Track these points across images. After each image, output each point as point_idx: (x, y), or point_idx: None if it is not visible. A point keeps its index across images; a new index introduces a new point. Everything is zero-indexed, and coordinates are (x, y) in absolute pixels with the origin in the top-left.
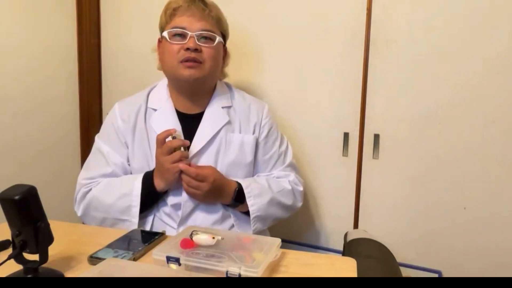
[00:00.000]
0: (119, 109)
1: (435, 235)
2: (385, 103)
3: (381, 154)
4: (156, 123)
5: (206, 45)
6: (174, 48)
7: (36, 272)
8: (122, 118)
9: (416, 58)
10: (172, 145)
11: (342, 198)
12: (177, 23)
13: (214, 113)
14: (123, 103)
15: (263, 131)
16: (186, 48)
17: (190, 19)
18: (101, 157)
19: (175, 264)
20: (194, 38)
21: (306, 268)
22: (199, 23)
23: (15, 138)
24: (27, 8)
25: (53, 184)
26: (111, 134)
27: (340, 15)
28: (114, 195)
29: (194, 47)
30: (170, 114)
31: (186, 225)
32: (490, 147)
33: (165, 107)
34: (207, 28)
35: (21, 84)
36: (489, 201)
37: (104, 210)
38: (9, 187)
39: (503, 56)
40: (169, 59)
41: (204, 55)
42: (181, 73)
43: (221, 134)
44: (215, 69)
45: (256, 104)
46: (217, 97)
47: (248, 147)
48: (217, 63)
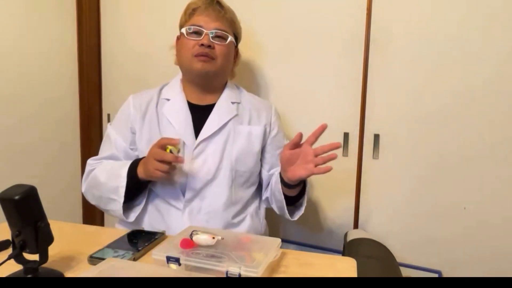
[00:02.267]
0: (133, 99)
1: (435, 235)
2: (385, 103)
3: (381, 154)
4: (168, 111)
5: (219, 43)
6: (190, 43)
7: (36, 272)
8: (134, 106)
9: (416, 58)
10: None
11: (342, 198)
12: (194, 22)
13: (224, 106)
14: (137, 94)
15: (274, 128)
16: (200, 44)
17: (207, 19)
18: (108, 141)
19: (175, 264)
20: (209, 36)
21: (306, 268)
22: (214, 23)
23: (15, 138)
24: (27, 9)
25: (53, 184)
26: (121, 121)
27: (340, 15)
28: (108, 175)
29: (207, 43)
30: (182, 103)
31: (191, 207)
32: (490, 147)
33: (177, 98)
34: (221, 28)
35: (21, 84)
36: (489, 201)
37: (99, 188)
38: (9, 187)
39: (504, 56)
40: (185, 53)
41: (216, 51)
42: (195, 65)
43: (229, 126)
44: (226, 66)
45: (264, 104)
46: (227, 93)
47: (256, 137)
48: (228, 61)
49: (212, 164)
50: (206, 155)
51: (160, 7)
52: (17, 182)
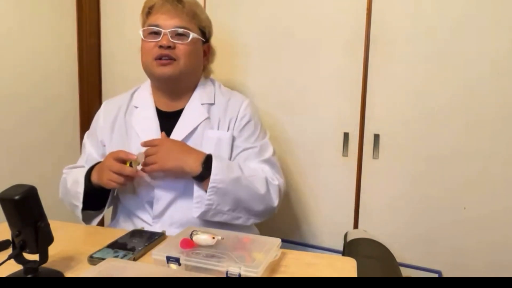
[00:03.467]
0: (103, 108)
1: (435, 235)
2: (385, 103)
3: (381, 154)
4: (135, 120)
5: (180, 42)
6: (149, 46)
7: (36, 272)
8: (104, 116)
9: (416, 58)
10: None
11: (342, 198)
12: (151, 21)
13: (193, 110)
14: (108, 102)
15: (240, 125)
16: (159, 46)
17: (164, 16)
18: (84, 151)
19: (175, 264)
20: (168, 35)
21: (306, 268)
22: (172, 20)
23: (15, 138)
24: (27, 8)
25: (53, 184)
26: (93, 132)
27: (340, 15)
28: (72, 181)
29: (166, 44)
30: (150, 111)
31: (162, 221)
32: (490, 147)
33: (145, 105)
34: (180, 25)
35: (21, 84)
36: (489, 201)
37: (67, 195)
38: (9, 187)
39: (504, 56)
40: (144, 57)
41: (177, 51)
42: (155, 71)
43: (199, 130)
44: (192, 66)
45: (235, 99)
46: (198, 94)
47: (224, 143)
48: (194, 60)
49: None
50: None
51: None
52: (17, 182)
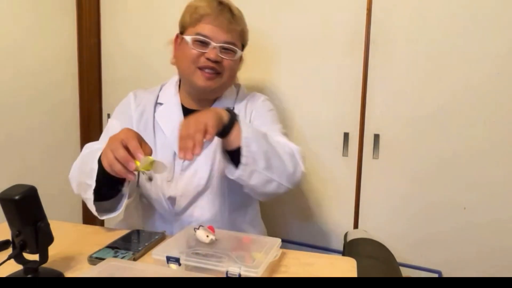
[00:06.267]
0: (133, 96)
1: (435, 235)
2: (385, 103)
3: (381, 154)
4: (161, 116)
5: (227, 57)
6: (194, 53)
7: (36, 272)
8: (135, 105)
9: (416, 58)
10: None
11: (342, 198)
12: (202, 30)
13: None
14: (137, 93)
15: (258, 112)
16: (206, 58)
17: (216, 29)
18: (106, 132)
19: (175, 264)
20: (217, 50)
21: (306, 268)
22: (224, 35)
23: (15, 138)
24: (27, 9)
25: (53, 184)
26: (122, 113)
27: (340, 15)
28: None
29: (215, 58)
30: (175, 108)
31: (182, 220)
32: (490, 147)
33: (171, 102)
34: (230, 41)
35: (21, 85)
36: (489, 201)
37: (79, 170)
38: (9, 187)
39: (504, 56)
40: (186, 62)
41: (223, 66)
42: (197, 80)
43: None
44: (232, 80)
45: (253, 98)
46: (223, 100)
47: None
48: (234, 74)
49: (204, 172)
50: (196, 164)
51: (160, 7)
52: (17, 182)
